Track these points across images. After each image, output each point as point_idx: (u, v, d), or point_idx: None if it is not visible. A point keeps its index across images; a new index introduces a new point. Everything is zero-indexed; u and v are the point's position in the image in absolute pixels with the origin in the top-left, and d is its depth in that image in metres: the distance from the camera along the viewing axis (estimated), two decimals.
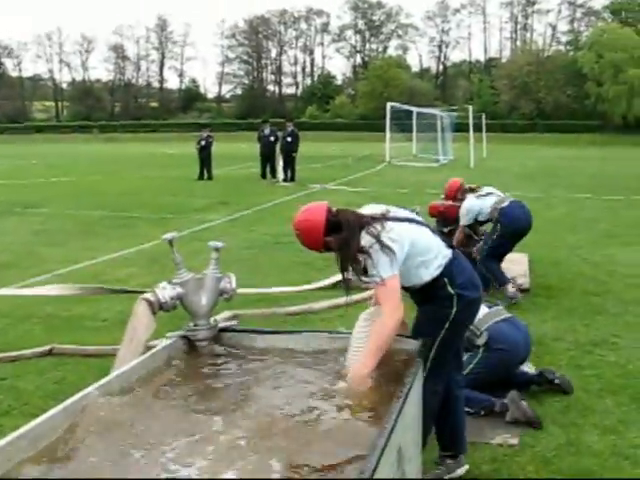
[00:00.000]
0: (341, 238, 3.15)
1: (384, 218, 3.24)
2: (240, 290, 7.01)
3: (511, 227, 7.17)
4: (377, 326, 3.08)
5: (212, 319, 3.39)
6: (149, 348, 3.29)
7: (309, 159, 29.02)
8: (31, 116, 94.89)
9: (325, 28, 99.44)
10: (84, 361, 5.67)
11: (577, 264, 9.11)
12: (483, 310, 4.74)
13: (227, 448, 2.39)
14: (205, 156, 22.87)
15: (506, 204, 7.23)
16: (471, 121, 31.44)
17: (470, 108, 33.25)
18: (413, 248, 3.23)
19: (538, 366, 5.12)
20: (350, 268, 3.20)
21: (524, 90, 71.10)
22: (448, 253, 3.37)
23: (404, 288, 3.32)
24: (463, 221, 7.52)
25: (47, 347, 5.86)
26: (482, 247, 7.41)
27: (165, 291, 3.24)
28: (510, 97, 72.31)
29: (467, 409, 4.33)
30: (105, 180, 22.56)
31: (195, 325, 3.34)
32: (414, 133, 35.51)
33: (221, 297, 3.41)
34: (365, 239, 3.14)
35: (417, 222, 3.39)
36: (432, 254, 3.30)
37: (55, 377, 5.35)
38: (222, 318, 6.60)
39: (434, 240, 3.38)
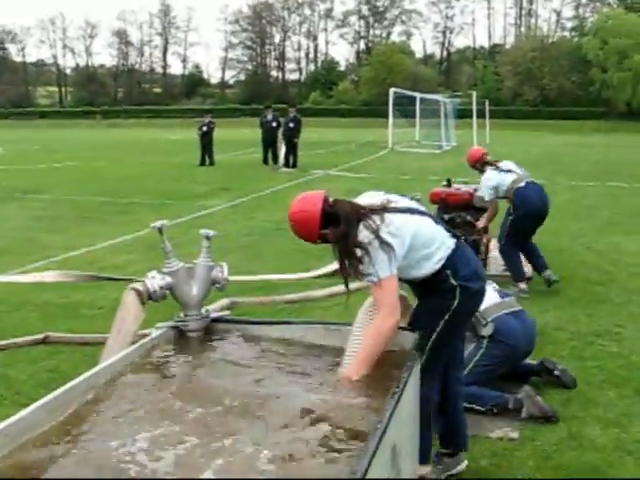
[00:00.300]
0: (338, 231, 3.00)
1: (384, 209, 3.08)
2: (238, 277, 7.02)
3: (524, 209, 7.04)
4: (371, 330, 2.95)
5: (204, 309, 3.29)
6: (143, 336, 3.22)
7: (312, 145, 28.86)
8: (35, 101, 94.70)
9: (329, 14, 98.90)
10: (79, 349, 5.59)
11: (580, 252, 9.01)
12: (494, 299, 4.64)
13: (208, 442, 2.30)
14: (207, 142, 22.75)
15: (522, 184, 7.10)
16: (474, 107, 31.25)
17: (474, 94, 33.05)
18: (414, 241, 3.09)
19: (539, 358, 5.03)
20: (347, 263, 3.04)
21: (528, 76, 70.63)
22: (451, 243, 3.22)
23: (404, 281, 3.21)
24: (486, 195, 7.32)
25: (41, 335, 5.79)
26: (500, 234, 7.29)
27: (154, 280, 3.14)
28: (514, 83, 71.82)
29: (477, 407, 4.24)
30: (107, 166, 22.46)
31: (186, 315, 3.24)
32: (417, 119, 35.24)
33: (213, 287, 3.31)
34: (363, 234, 2.98)
35: (419, 212, 3.23)
36: (434, 246, 3.15)
37: (48, 366, 5.28)
38: (218, 306, 6.55)
39: (437, 231, 3.22)
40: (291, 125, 21.78)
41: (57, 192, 15.50)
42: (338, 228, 2.99)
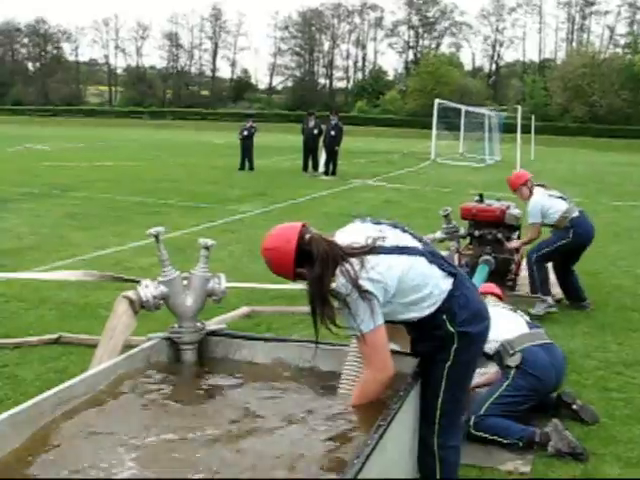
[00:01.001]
0: (312, 273, 2.66)
1: (366, 251, 2.72)
2: (258, 285, 6.90)
3: (582, 239, 7.02)
4: (362, 386, 2.71)
5: (199, 322, 3.16)
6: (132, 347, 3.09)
7: (353, 154, 28.73)
8: (85, 100, 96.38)
9: (379, 23, 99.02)
10: (89, 351, 5.45)
11: (616, 276, 8.68)
12: (522, 329, 4.43)
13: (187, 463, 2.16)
14: (247, 146, 22.72)
15: (576, 214, 6.98)
16: (519, 121, 30.72)
17: (519, 108, 32.49)
18: (402, 285, 2.74)
19: (562, 386, 4.78)
20: (319, 310, 2.69)
21: (578, 92, 69.63)
22: (447, 285, 2.85)
23: (395, 322, 2.89)
24: (532, 218, 7.06)
25: (54, 335, 5.74)
26: (539, 247, 7.11)
27: (147, 289, 3.02)
28: (563, 99, 70.91)
29: (501, 439, 4.02)
30: (146, 166, 22.60)
31: (180, 327, 3.11)
32: (461, 132, 34.90)
33: (210, 299, 3.17)
34: (340, 281, 2.65)
35: (409, 250, 2.83)
36: (426, 291, 2.80)
37: (57, 367, 5.21)
38: (237, 314, 6.44)
39: (430, 272, 2.84)
40: (333, 133, 21.63)
41: (94, 190, 15.59)
42: (312, 269, 2.67)
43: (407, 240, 2.90)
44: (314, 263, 2.66)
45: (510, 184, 7.44)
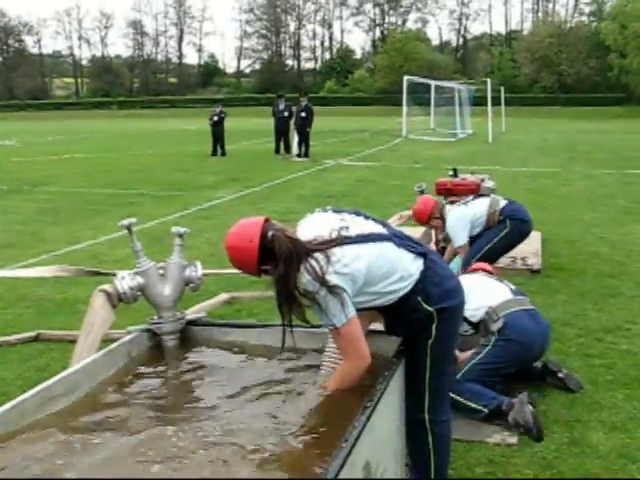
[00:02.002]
0: (276, 272, 2.60)
1: (331, 244, 2.64)
2: (236, 270, 6.86)
3: (522, 225, 6.34)
4: (341, 376, 2.68)
5: (178, 312, 3.12)
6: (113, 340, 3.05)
7: (325, 134, 28.65)
8: (51, 93, 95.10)
9: (344, 1, 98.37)
10: (70, 347, 5.38)
11: (593, 243, 8.73)
12: (507, 295, 4.45)
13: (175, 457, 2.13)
14: (218, 132, 22.59)
15: (504, 203, 6.38)
16: (489, 94, 30.83)
17: (489, 81, 32.59)
18: (370, 274, 2.69)
19: (546, 355, 4.81)
20: (287, 308, 2.66)
21: (545, 63, 69.93)
22: (418, 265, 2.81)
23: (368, 309, 2.85)
24: (461, 240, 6.28)
25: (33, 333, 5.66)
26: (475, 250, 6.27)
27: (124, 281, 2.98)
28: (531, 70, 71.19)
29: (471, 404, 4.05)
30: (118, 157, 22.38)
31: (160, 318, 3.07)
32: (432, 107, 34.90)
33: (187, 287, 3.13)
34: (306, 279, 2.57)
35: (374, 237, 2.76)
36: (395, 276, 2.74)
37: (38, 365, 5.14)
38: (217, 301, 6.40)
39: (398, 257, 2.78)
40: (303, 114, 21.55)
41: (65, 184, 15.41)
42: (276, 269, 2.60)
43: (371, 227, 2.83)
44: (277, 262, 2.59)
45: (418, 219, 6.64)
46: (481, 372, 4.17)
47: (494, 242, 6.26)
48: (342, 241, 2.66)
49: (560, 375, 4.37)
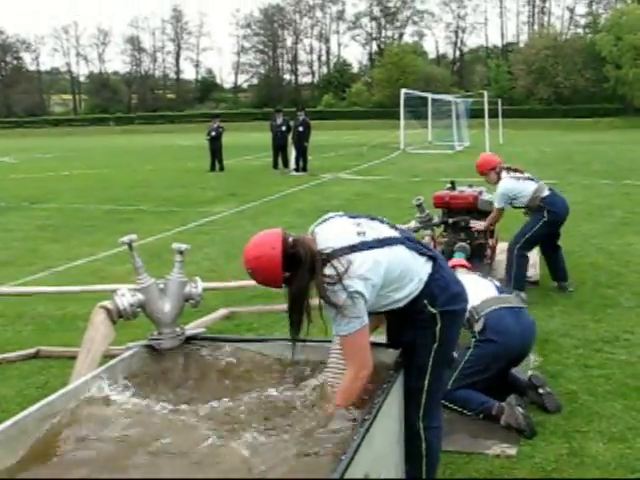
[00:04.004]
0: (298, 277, 2.63)
1: (352, 250, 2.69)
2: (235, 283, 6.87)
3: (557, 216, 6.93)
4: (343, 386, 2.70)
5: (178, 327, 3.13)
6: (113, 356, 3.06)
7: (322, 148, 28.71)
8: (49, 110, 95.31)
9: (340, 16, 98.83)
10: (70, 364, 5.40)
11: (590, 254, 8.75)
12: (490, 293, 4.46)
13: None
14: (216, 147, 22.61)
15: (547, 193, 6.89)
16: (486, 106, 30.96)
17: (485, 93, 32.79)
18: (387, 276, 2.74)
19: (543, 367, 4.82)
20: (299, 317, 2.70)
21: (542, 75, 70.12)
22: (427, 270, 2.88)
23: (375, 313, 2.91)
24: (500, 202, 6.96)
25: (33, 350, 5.67)
26: (517, 238, 6.92)
27: (124, 298, 2.99)
28: (527, 82, 71.32)
29: (465, 411, 4.11)
30: (116, 173, 22.42)
31: (160, 334, 3.09)
32: (429, 120, 35.04)
33: (187, 303, 3.15)
34: (327, 284, 2.61)
35: (389, 241, 2.82)
36: (408, 278, 2.81)
37: (38, 381, 5.14)
38: (217, 316, 6.41)
39: (410, 260, 2.85)
40: (300, 129, 21.62)
41: (63, 201, 15.44)
42: (299, 272, 2.62)
43: (386, 230, 2.89)
44: (300, 265, 2.62)
45: (478, 168, 7.30)
46: (467, 378, 4.20)
47: (534, 230, 6.88)
48: (361, 247, 2.70)
49: (541, 391, 4.27)
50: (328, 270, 2.63)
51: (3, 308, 6.96)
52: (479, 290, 4.49)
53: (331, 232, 2.81)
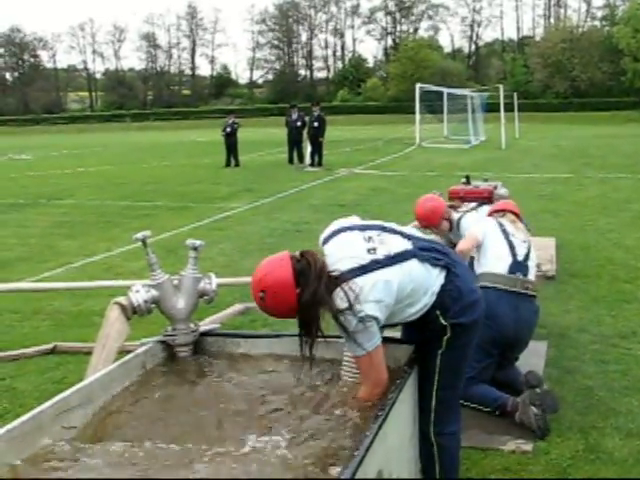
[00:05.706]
0: (308, 291, 2.53)
1: (362, 271, 2.60)
2: (250, 279, 6.88)
3: None
4: (358, 398, 2.66)
5: (192, 323, 3.14)
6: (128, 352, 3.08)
7: (338, 143, 28.68)
8: (66, 107, 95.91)
9: (355, 10, 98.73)
10: (86, 359, 5.43)
11: (607, 248, 8.69)
12: (500, 266, 4.31)
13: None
14: (232, 143, 22.65)
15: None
16: (502, 100, 30.75)
17: (501, 87, 32.55)
18: (399, 294, 2.66)
19: (559, 362, 4.79)
20: (313, 329, 2.61)
21: (558, 68, 69.67)
22: (440, 280, 2.80)
23: (388, 325, 2.84)
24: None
25: (50, 345, 5.71)
26: None
27: (138, 294, 3.00)
28: (544, 75, 70.91)
29: (481, 407, 4.07)
30: (132, 169, 22.52)
31: (174, 329, 3.10)
32: (445, 114, 34.91)
33: (201, 299, 3.15)
34: (338, 307, 2.53)
35: (403, 256, 2.73)
36: (420, 293, 2.74)
37: (55, 377, 5.18)
38: (232, 311, 6.42)
39: (423, 273, 2.76)
40: (315, 124, 21.64)
41: (80, 197, 15.54)
42: (309, 283, 2.53)
43: (397, 243, 2.78)
44: (311, 277, 2.54)
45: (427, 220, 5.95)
46: (471, 370, 3.93)
47: None
48: (372, 266, 2.62)
49: (538, 390, 4.08)
50: (339, 294, 2.54)
51: (20, 304, 7.01)
52: (491, 256, 4.39)
53: (341, 251, 2.72)
